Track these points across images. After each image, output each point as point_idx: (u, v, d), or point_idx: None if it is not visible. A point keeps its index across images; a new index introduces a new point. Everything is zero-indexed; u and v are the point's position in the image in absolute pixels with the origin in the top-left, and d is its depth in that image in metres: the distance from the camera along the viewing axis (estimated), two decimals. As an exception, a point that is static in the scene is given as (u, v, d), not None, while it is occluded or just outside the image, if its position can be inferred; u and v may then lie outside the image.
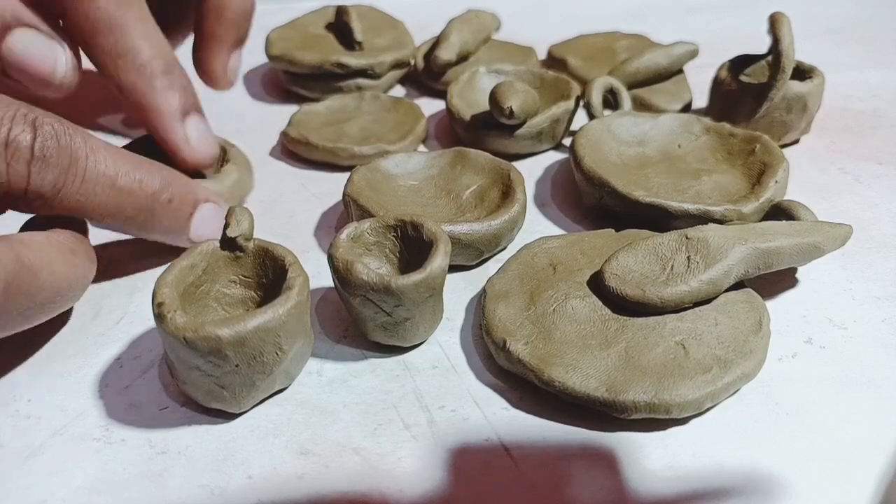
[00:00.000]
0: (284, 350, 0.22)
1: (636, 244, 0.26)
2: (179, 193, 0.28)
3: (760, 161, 0.32)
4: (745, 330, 0.24)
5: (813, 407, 0.24)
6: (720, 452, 0.22)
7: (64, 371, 0.26)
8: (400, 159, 0.33)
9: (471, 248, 0.29)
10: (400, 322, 0.24)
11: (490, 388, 0.25)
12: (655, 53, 0.40)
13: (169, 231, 0.28)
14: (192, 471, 0.22)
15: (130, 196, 0.26)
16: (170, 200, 0.27)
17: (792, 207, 0.29)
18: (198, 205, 0.29)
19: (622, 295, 0.25)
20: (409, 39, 0.45)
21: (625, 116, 0.35)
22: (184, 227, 0.28)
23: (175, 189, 0.28)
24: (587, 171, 0.32)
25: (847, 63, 0.47)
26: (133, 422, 0.24)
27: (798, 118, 0.36)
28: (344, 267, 0.24)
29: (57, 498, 0.21)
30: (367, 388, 0.25)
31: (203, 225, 0.29)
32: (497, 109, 0.35)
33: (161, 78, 0.30)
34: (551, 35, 0.49)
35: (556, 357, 0.24)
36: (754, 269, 0.26)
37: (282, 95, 0.44)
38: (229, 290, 0.25)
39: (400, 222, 0.26)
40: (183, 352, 0.21)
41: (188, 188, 0.28)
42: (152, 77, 0.29)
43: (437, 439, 0.23)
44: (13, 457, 0.23)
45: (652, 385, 0.22)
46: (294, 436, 0.23)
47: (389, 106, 0.40)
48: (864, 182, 0.35)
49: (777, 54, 0.34)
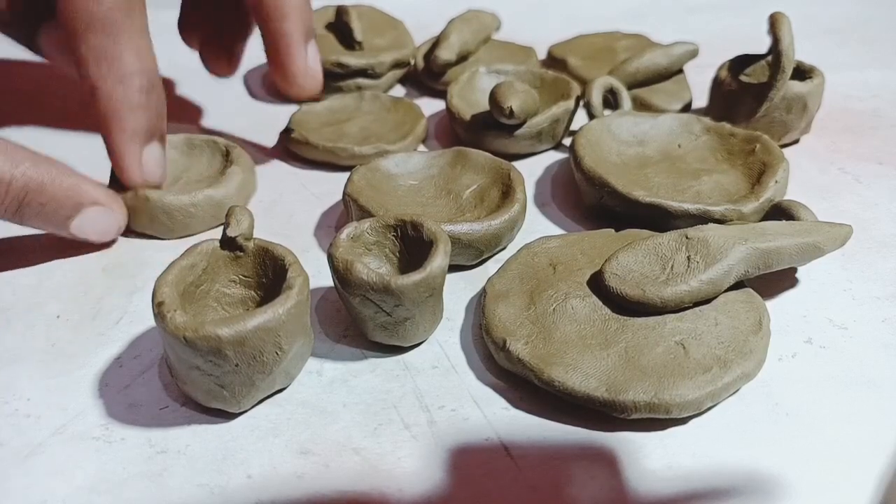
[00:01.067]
0: (284, 350, 0.22)
1: (636, 244, 0.26)
2: (56, 196, 0.27)
3: (760, 161, 0.32)
4: (745, 330, 0.24)
5: (813, 407, 0.24)
6: (720, 452, 0.22)
7: (64, 371, 0.26)
8: (400, 159, 0.33)
9: (471, 248, 0.29)
10: (400, 322, 0.24)
11: (490, 388, 0.25)
12: (655, 53, 0.40)
13: (43, 228, 0.28)
14: (191, 470, 0.22)
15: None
16: (42, 204, 0.27)
17: (792, 207, 0.29)
18: (81, 208, 0.28)
19: (622, 295, 0.25)
20: (409, 39, 0.45)
21: (625, 116, 0.35)
22: (60, 227, 0.28)
23: (51, 191, 0.27)
24: (587, 171, 0.32)
25: (847, 63, 0.47)
26: (133, 421, 0.24)
27: (798, 118, 0.36)
28: (344, 267, 0.24)
29: (57, 498, 0.21)
30: (367, 388, 0.25)
31: (86, 226, 0.28)
32: (497, 109, 0.35)
33: (140, 95, 0.29)
34: (551, 35, 0.49)
35: (556, 357, 0.24)
36: (754, 269, 0.26)
37: (282, 95, 0.44)
38: (229, 289, 0.25)
39: (400, 222, 0.26)
40: (183, 351, 0.21)
41: (70, 190, 0.27)
42: (131, 91, 0.29)
43: (437, 439, 0.23)
44: (13, 456, 0.23)
45: (652, 385, 0.22)
46: (294, 435, 0.23)
47: (389, 106, 0.40)
48: (864, 182, 0.35)
49: (777, 54, 0.34)
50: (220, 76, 0.38)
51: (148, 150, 0.30)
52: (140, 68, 0.29)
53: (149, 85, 0.29)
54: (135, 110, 0.29)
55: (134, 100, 0.29)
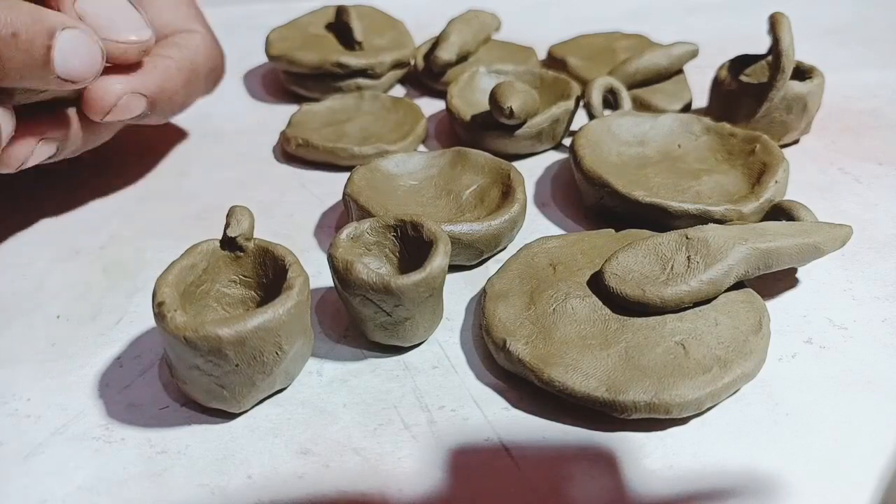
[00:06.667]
0: (284, 350, 0.22)
1: (636, 244, 0.26)
2: (24, 24, 0.24)
3: (760, 161, 0.32)
4: (745, 330, 0.24)
5: (813, 407, 0.24)
6: (720, 452, 0.22)
7: (64, 371, 0.26)
8: (400, 159, 0.33)
9: (471, 248, 0.29)
10: (400, 322, 0.24)
11: (490, 388, 0.25)
12: (655, 54, 0.40)
13: (27, 74, 0.24)
14: (192, 470, 0.22)
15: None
16: (13, 35, 0.23)
17: (792, 207, 0.29)
18: (53, 33, 0.24)
19: (622, 295, 0.25)
20: (409, 39, 0.45)
21: (625, 116, 0.35)
22: (43, 64, 0.24)
23: (16, 20, 0.23)
24: (587, 171, 0.32)
25: (847, 63, 0.47)
26: (133, 421, 0.24)
27: (798, 118, 0.36)
28: (344, 267, 0.24)
29: (57, 498, 0.21)
30: (367, 388, 0.25)
31: (69, 57, 0.25)
32: (497, 109, 0.35)
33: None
34: (551, 35, 0.49)
35: (556, 357, 0.24)
36: (754, 270, 0.26)
37: (282, 95, 0.44)
38: (229, 289, 0.25)
39: (400, 222, 0.26)
40: (183, 351, 0.21)
41: (35, 16, 0.24)
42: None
43: (437, 439, 0.23)
44: (13, 456, 0.23)
45: (652, 385, 0.22)
46: (294, 436, 0.23)
47: (389, 106, 0.40)
48: (864, 182, 0.35)
49: (777, 54, 0.34)
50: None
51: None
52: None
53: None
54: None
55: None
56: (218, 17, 0.55)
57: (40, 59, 0.24)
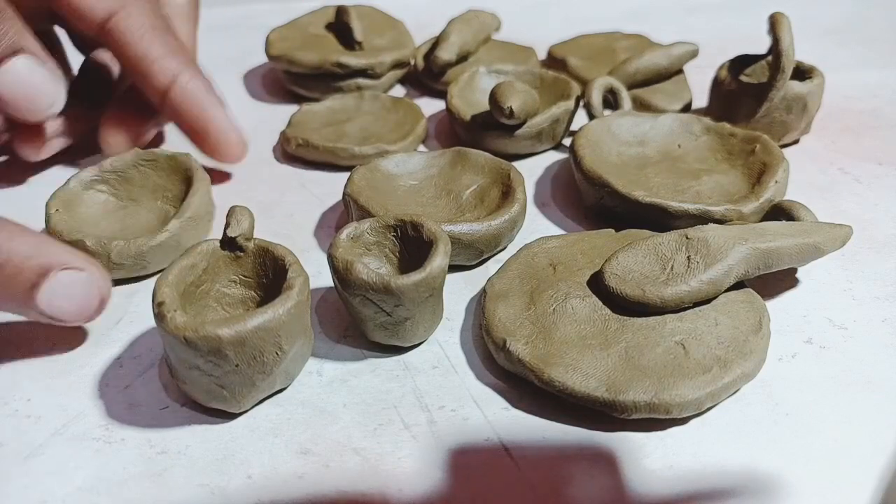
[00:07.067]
0: (284, 350, 0.22)
1: (636, 244, 0.26)
2: (16, 256, 0.22)
3: (760, 161, 0.32)
4: (745, 330, 0.24)
5: (813, 407, 0.24)
6: (720, 452, 0.22)
7: (64, 371, 0.26)
8: (400, 159, 0.33)
9: (471, 248, 0.29)
10: (400, 322, 0.24)
11: (490, 388, 0.25)
12: (655, 54, 0.40)
13: (5, 302, 0.23)
14: (192, 470, 0.22)
15: None
16: (0, 266, 0.22)
17: (792, 208, 0.29)
18: (47, 273, 0.23)
19: (622, 295, 0.25)
20: (409, 39, 0.45)
21: (625, 116, 0.35)
22: (25, 298, 0.23)
23: (7, 251, 0.22)
24: (587, 171, 0.32)
25: (847, 63, 0.47)
26: (133, 422, 0.24)
27: (798, 118, 0.36)
28: (344, 267, 0.24)
29: (57, 498, 0.21)
30: (367, 388, 0.25)
31: (58, 297, 0.23)
32: (497, 109, 0.35)
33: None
34: (551, 35, 0.49)
35: (556, 357, 0.24)
36: (754, 270, 0.26)
37: (282, 95, 0.44)
38: (229, 289, 0.25)
39: (400, 222, 0.26)
40: (183, 351, 0.21)
41: (32, 250, 0.23)
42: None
43: (437, 439, 0.23)
44: (13, 457, 0.23)
45: (652, 385, 0.22)
46: (294, 436, 0.23)
47: (389, 106, 0.40)
48: (864, 182, 0.35)
49: (777, 54, 0.34)
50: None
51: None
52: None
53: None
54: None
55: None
56: (218, 17, 0.55)
57: (22, 297, 0.23)
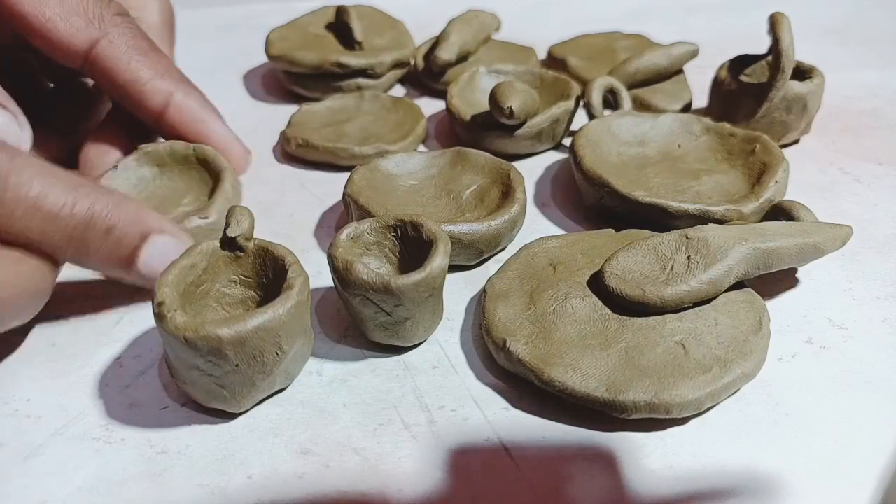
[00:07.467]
0: (284, 350, 0.22)
1: (636, 244, 0.26)
2: (122, 222, 0.24)
3: (760, 161, 0.32)
4: (745, 330, 0.24)
5: (813, 407, 0.24)
6: (720, 452, 0.22)
7: (64, 371, 0.26)
8: (400, 159, 0.33)
9: (471, 248, 0.29)
10: (400, 322, 0.24)
11: (490, 388, 0.25)
12: (655, 54, 0.40)
13: (109, 265, 0.25)
14: (192, 470, 0.22)
15: (58, 222, 0.23)
16: (108, 230, 0.24)
17: (792, 208, 0.29)
18: (147, 237, 0.25)
19: (622, 295, 0.25)
20: (409, 39, 0.45)
21: (625, 116, 0.35)
22: (127, 261, 0.25)
23: (116, 216, 0.24)
24: (587, 171, 0.32)
25: (847, 63, 0.47)
26: (133, 422, 0.24)
27: (798, 118, 0.36)
28: (344, 267, 0.24)
29: (57, 498, 0.21)
30: (367, 388, 0.25)
31: (155, 260, 0.25)
32: (497, 109, 0.35)
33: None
34: (551, 35, 0.49)
35: (556, 357, 0.24)
36: (754, 270, 0.26)
37: (282, 95, 0.45)
38: (229, 289, 0.25)
39: (400, 222, 0.26)
40: (183, 351, 0.21)
41: (134, 216, 0.25)
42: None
43: (437, 439, 0.23)
44: (13, 457, 0.23)
45: (652, 385, 0.22)
46: (294, 436, 0.23)
47: (389, 106, 0.40)
48: (864, 182, 0.35)
49: (777, 54, 0.34)
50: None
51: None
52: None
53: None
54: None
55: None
56: (218, 17, 0.55)
57: (126, 257, 0.25)
